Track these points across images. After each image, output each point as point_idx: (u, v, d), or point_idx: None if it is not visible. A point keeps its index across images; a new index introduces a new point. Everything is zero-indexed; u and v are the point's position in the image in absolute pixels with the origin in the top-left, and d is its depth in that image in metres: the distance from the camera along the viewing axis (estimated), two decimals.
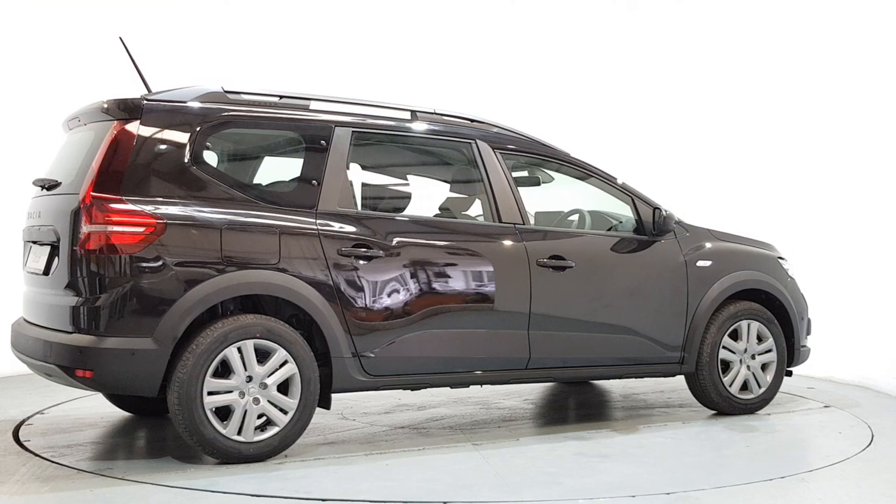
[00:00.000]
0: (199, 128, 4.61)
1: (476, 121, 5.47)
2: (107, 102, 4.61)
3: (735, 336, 5.90)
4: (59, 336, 4.40)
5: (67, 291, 4.40)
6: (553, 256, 5.29)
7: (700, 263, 5.80)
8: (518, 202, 5.32)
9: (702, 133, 8.91)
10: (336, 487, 4.13)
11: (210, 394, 4.37)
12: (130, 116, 4.50)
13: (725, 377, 5.85)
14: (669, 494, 4.08)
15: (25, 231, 5.05)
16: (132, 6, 8.35)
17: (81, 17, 8.16)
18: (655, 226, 5.64)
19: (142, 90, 4.81)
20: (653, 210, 5.66)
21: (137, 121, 4.49)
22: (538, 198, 6.00)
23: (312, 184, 4.80)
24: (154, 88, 4.83)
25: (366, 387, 4.82)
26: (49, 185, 4.79)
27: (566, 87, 9.32)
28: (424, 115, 5.30)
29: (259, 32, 8.79)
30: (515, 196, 5.33)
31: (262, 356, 4.52)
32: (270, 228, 4.60)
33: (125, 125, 4.48)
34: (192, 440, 4.39)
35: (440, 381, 5.12)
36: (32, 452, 4.76)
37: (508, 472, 4.44)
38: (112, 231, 4.28)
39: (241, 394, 4.44)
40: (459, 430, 5.41)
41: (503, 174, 5.33)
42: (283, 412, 4.55)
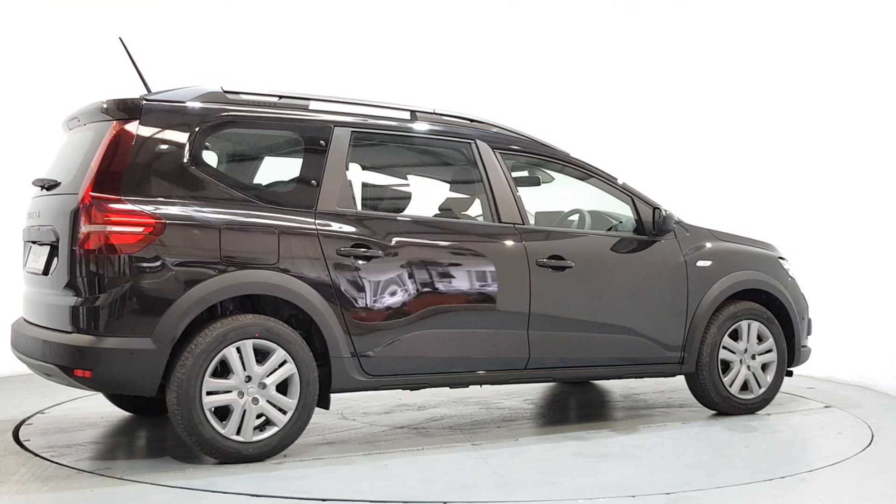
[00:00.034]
0: (199, 128, 4.61)
1: (475, 121, 5.46)
2: (106, 102, 4.61)
3: (735, 336, 5.89)
4: (59, 336, 4.41)
5: (67, 291, 4.40)
6: (552, 256, 5.29)
7: (700, 263, 5.80)
8: (517, 202, 5.32)
9: (702, 133, 8.90)
10: (334, 487, 4.13)
11: (209, 394, 4.37)
12: (129, 116, 4.51)
13: (725, 377, 5.84)
14: (669, 494, 4.07)
15: (25, 231, 5.05)
16: (132, 6, 8.36)
17: (81, 17, 8.16)
18: (655, 226, 5.64)
19: (141, 90, 4.81)
20: (653, 210, 5.65)
21: (136, 121, 4.50)
22: (538, 198, 6.00)
23: (311, 184, 4.80)
24: (154, 88, 4.83)
25: (365, 387, 4.82)
26: (49, 185, 4.79)
27: (566, 87, 9.31)
28: (424, 115, 5.30)
29: (259, 32, 8.79)
30: (515, 196, 5.32)
31: (262, 356, 4.52)
32: (269, 228, 4.59)
33: (124, 125, 4.48)
34: (191, 440, 4.39)
35: (439, 381, 5.12)
36: (32, 452, 4.76)
37: (506, 472, 4.44)
38: (111, 231, 4.29)
39: (240, 394, 4.45)
40: (459, 430, 5.41)
41: (503, 174, 5.33)
42: (282, 412, 4.55)
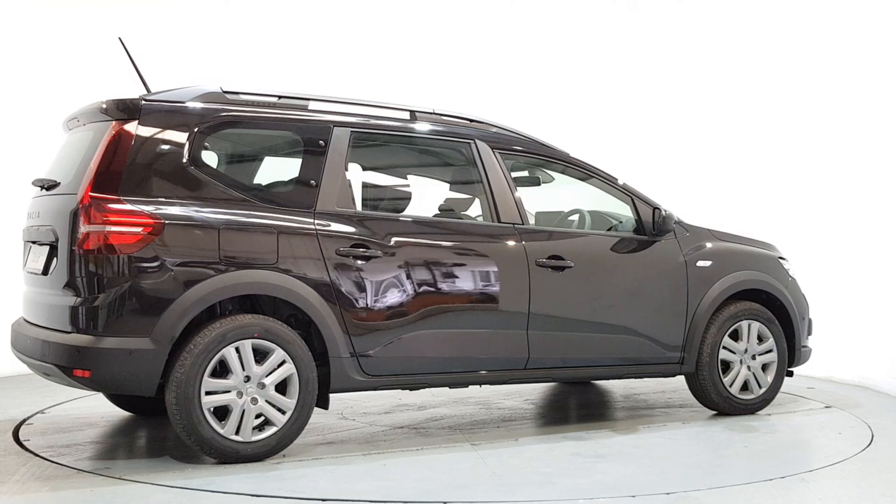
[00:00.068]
0: (198, 128, 4.62)
1: (475, 121, 5.47)
2: (105, 103, 4.61)
3: (735, 336, 5.88)
4: (58, 336, 4.41)
5: (66, 291, 4.41)
6: (552, 256, 5.28)
7: (700, 263, 5.79)
8: (517, 202, 5.32)
9: (702, 133, 8.90)
10: (333, 487, 4.13)
11: (208, 394, 4.37)
12: (129, 117, 4.51)
13: (725, 377, 5.83)
14: (669, 494, 4.07)
15: (25, 231, 5.06)
16: (132, 6, 8.36)
17: (81, 17, 8.17)
18: (655, 226, 5.63)
19: (141, 90, 4.82)
20: (652, 210, 5.64)
21: (136, 121, 4.50)
22: (538, 198, 6.00)
23: (311, 184, 4.80)
24: (154, 88, 4.83)
25: (364, 387, 4.82)
26: (48, 186, 4.80)
27: (566, 87, 9.31)
28: (423, 115, 5.30)
29: (259, 32, 8.79)
30: (514, 196, 5.32)
31: (261, 356, 4.52)
32: (268, 228, 4.59)
33: (123, 125, 4.48)
34: (190, 440, 4.40)
35: (439, 382, 5.11)
36: (32, 452, 4.76)
37: (505, 472, 4.44)
38: (110, 231, 4.29)
39: (239, 394, 4.45)
40: (458, 431, 5.41)
41: (502, 174, 5.33)
42: (281, 412, 4.55)
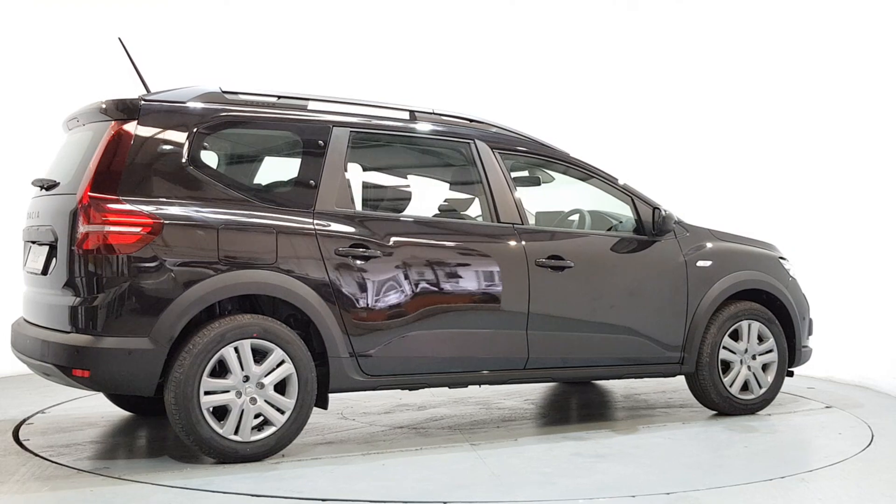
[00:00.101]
0: (197, 128, 4.62)
1: (475, 121, 5.46)
2: (105, 103, 4.62)
3: (735, 336, 5.88)
4: (57, 336, 4.42)
5: (65, 291, 4.41)
6: (552, 256, 5.28)
7: (700, 263, 5.78)
8: (517, 202, 5.31)
9: (702, 133, 8.89)
10: (332, 487, 4.13)
11: (207, 393, 4.38)
12: (128, 117, 4.51)
13: (726, 377, 5.83)
14: (669, 494, 4.07)
15: (25, 231, 5.07)
16: (132, 6, 8.37)
17: (81, 17, 8.17)
18: (655, 226, 5.63)
19: (141, 90, 4.82)
20: (652, 210, 5.64)
21: (135, 121, 4.50)
22: (539, 198, 6.00)
23: (310, 184, 4.80)
24: (153, 88, 4.84)
25: (363, 387, 4.82)
26: (48, 186, 4.80)
27: (566, 87, 9.30)
28: (423, 115, 5.30)
29: (258, 32, 8.79)
30: (514, 196, 5.32)
31: (260, 356, 4.52)
32: (267, 228, 4.59)
33: (123, 125, 4.49)
34: (189, 440, 4.40)
35: (438, 381, 5.11)
36: (32, 452, 4.77)
37: (504, 473, 4.44)
38: (109, 231, 4.29)
39: (238, 393, 4.45)
40: (458, 431, 5.40)
41: (502, 174, 5.32)
42: (280, 412, 4.55)
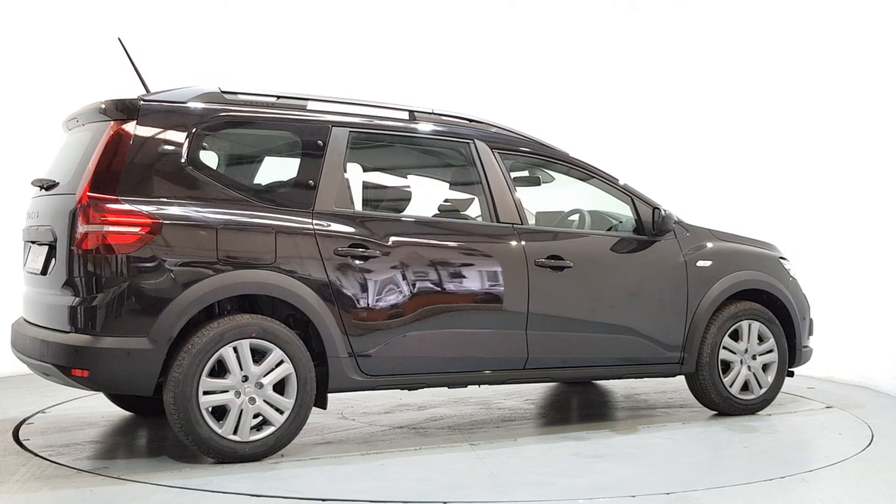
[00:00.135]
0: (196, 128, 4.62)
1: (474, 121, 5.46)
2: (104, 103, 4.62)
3: (736, 336, 5.87)
4: (56, 336, 4.42)
5: (64, 291, 4.41)
6: (551, 256, 5.27)
7: (700, 263, 5.78)
8: (516, 202, 5.31)
9: (702, 133, 8.88)
10: (331, 487, 4.13)
11: (206, 393, 4.38)
12: (127, 117, 4.51)
13: (726, 377, 5.82)
14: (669, 494, 4.06)
15: (25, 231, 5.07)
16: (132, 6, 8.37)
17: (81, 17, 8.18)
18: (655, 226, 5.62)
19: (141, 91, 4.83)
20: (652, 210, 5.63)
21: (134, 121, 4.50)
22: (539, 198, 5.99)
23: (309, 184, 4.80)
24: (153, 88, 4.84)
25: (362, 387, 4.81)
26: (47, 186, 4.81)
27: (566, 87, 9.30)
28: (422, 115, 5.30)
29: (258, 33, 8.79)
30: (514, 196, 5.31)
31: (259, 356, 4.52)
32: (266, 228, 4.59)
33: (122, 125, 4.49)
34: (188, 440, 4.40)
35: (437, 381, 5.10)
36: (32, 452, 4.77)
37: (503, 473, 4.43)
38: (108, 231, 4.29)
39: (237, 393, 4.45)
40: (458, 430, 5.40)
41: (501, 174, 5.32)
42: (279, 412, 4.55)
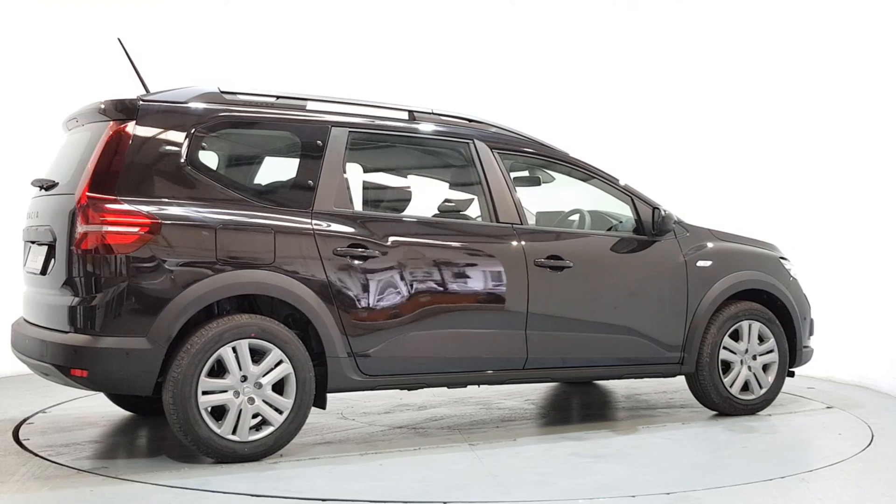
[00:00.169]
0: (195, 128, 4.62)
1: (474, 121, 5.46)
2: (103, 103, 4.63)
3: (736, 336, 5.86)
4: (56, 335, 4.43)
5: (64, 291, 4.42)
6: (551, 256, 5.27)
7: (700, 263, 5.77)
8: (516, 202, 5.31)
9: (702, 133, 8.88)
10: (329, 487, 4.13)
11: (205, 393, 4.38)
12: (126, 117, 4.52)
13: (726, 378, 5.81)
14: (669, 494, 4.06)
15: (25, 231, 5.08)
16: (132, 6, 8.37)
17: (81, 17, 8.18)
18: (655, 226, 5.61)
19: (141, 91, 4.83)
20: (652, 210, 5.63)
21: (133, 121, 4.50)
22: (539, 198, 5.99)
23: (308, 184, 4.80)
24: (153, 89, 4.84)
25: (361, 387, 4.81)
26: (47, 186, 4.81)
27: (566, 87, 9.29)
28: (422, 115, 5.29)
29: (258, 33, 8.79)
30: (513, 196, 5.31)
31: (258, 356, 4.53)
32: (265, 228, 4.60)
33: (121, 126, 4.49)
34: (187, 439, 4.40)
35: (436, 381, 5.10)
36: (32, 452, 4.77)
37: (502, 473, 4.43)
38: (107, 231, 4.30)
39: (236, 393, 4.45)
40: (457, 431, 5.40)
41: (501, 174, 5.32)
42: (279, 412, 4.55)
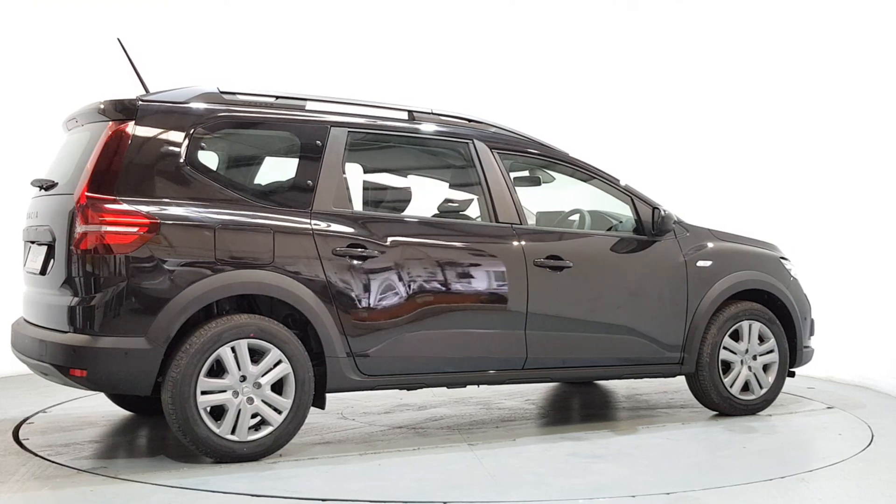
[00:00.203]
0: (195, 128, 4.62)
1: (473, 121, 5.46)
2: (102, 103, 4.63)
3: (736, 336, 5.86)
4: (55, 335, 4.43)
5: (63, 291, 4.43)
6: (550, 256, 5.27)
7: (700, 263, 5.77)
8: (515, 202, 5.30)
9: (702, 133, 8.87)
10: (328, 487, 4.13)
11: (203, 393, 4.38)
12: (126, 117, 4.52)
13: (726, 378, 5.81)
14: (669, 494, 4.06)
15: (25, 231, 5.09)
16: (132, 6, 8.38)
17: (81, 17, 8.19)
18: (654, 226, 5.61)
19: (140, 91, 4.83)
20: (652, 210, 5.62)
21: (132, 121, 4.51)
22: (539, 198, 5.99)
23: (307, 184, 4.80)
24: (153, 89, 4.85)
25: (361, 387, 4.81)
26: (46, 186, 4.82)
27: (566, 87, 9.28)
28: (421, 115, 5.29)
29: (257, 33, 8.79)
30: (513, 196, 5.31)
31: (257, 356, 4.53)
32: (264, 228, 4.60)
33: (120, 126, 4.50)
34: (186, 439, 4.41)
35: (436, 382, 5.10)
36: (32, 452, 4.78)
37: (500, 473, 4.43)
38: (106, 231, 4.30)
39: (235, 393, 4.45)
40: (457, 431, 5.40)
41: (500, 174, 5.32)
42: (278, 412, 4.55)
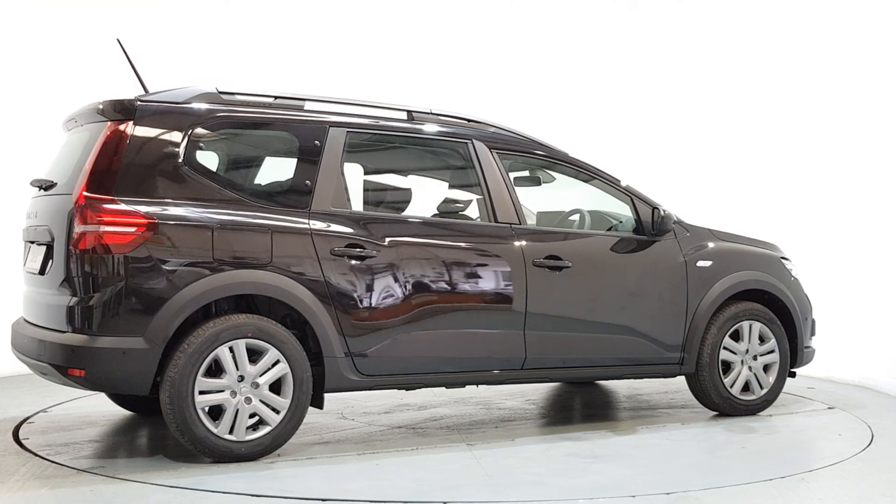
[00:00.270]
0: (193, 128, 4.63)
1: (473, 121, 5.45)
2: (101, 103, 4.64)
3: (736, 337, 5.85)
4: (53, 335, 4.44)
5: (61, 291, 4.43)
6: (549, 256, 5.27)
7: (700, 263, 5.76)
8: (515, 202, 5.30)
9: (702, 133, 8.86)
10: (325, 487, 4.13)
11: (202, 393, 4.39)
12: (124, 117, 4.53)
13: (726, 378, 5.80)
14: (669, 494, 4.05)
15: (24, 231, 5.10)
16: (132, 6, 8.39)
17: (81, 18, 8.20)
18: (654, 225, 5.60)
19: (140, 91, 4.84)
20: (652, 210, 5.62)
21: (131, 121, 4.51)
22: (539, 198, 5.98)
23: (306, 184, 4.80)
24: (152, 89, 4.85)
25: (359, 387, 4.81)
26: (46, 186, 4.83)
27: (566, 87, 9.27)
28: (420, 115, 5.29)
29: (256, 33, 8.80)
30: (512, 196, 5.31)
31: (255, 355, 4.53)
32: (262, 228, 4.60)
33: (119, 126, 4.50)
34: (184, 439, 4.41)
35: (434, 381, 5.10)
36: (32, 452, 4.78)
37: (498, 473, 4.43)
38: (104, 231, 4.31)
39: (233, 393, 4.46)
40: (456, 431, 5.40)
41: (500, 174, 5.31)
42: (276, 411, 4.56)
